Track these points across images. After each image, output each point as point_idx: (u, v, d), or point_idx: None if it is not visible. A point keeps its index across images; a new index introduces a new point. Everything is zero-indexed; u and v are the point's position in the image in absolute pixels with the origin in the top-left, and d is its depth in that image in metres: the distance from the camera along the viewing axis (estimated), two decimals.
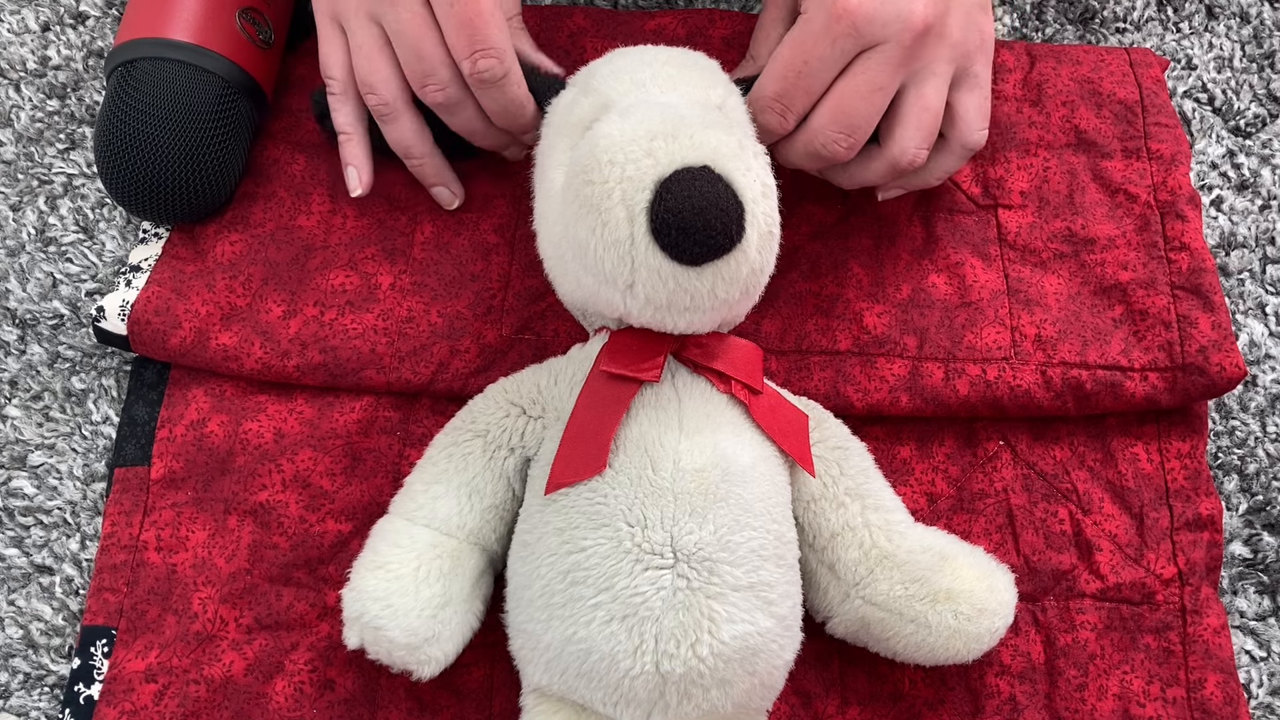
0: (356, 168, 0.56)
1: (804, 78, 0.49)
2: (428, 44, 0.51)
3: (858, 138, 0.50)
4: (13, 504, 0.54)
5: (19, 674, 0.52)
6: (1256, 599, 0.55)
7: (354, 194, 0.57)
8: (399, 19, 0.51)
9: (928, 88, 0.50)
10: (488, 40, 0.50)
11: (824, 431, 0.49)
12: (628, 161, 0.41)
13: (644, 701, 0.43)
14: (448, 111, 0.53)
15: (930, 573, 0.47)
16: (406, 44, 0.51)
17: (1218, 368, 0.55)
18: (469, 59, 0.50)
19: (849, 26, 0.48)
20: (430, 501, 0.47)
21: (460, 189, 0.58)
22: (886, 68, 0.49)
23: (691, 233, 0.40)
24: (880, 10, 0.47)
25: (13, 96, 0.63)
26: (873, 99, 0.49)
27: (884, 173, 0.53)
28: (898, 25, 0.48)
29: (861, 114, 0.49)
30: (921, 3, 0.48)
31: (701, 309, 0.43)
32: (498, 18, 0.50)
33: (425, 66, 0.51)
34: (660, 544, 0.42)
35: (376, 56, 0.52)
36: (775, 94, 0.50)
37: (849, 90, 0.49)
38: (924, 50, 0.49)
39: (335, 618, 0.51)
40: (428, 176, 0.57)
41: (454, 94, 0.52)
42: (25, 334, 0.58)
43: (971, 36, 0.51)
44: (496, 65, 0.50)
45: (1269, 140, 0.65)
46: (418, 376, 0.54)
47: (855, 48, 0.48)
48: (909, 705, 0.51)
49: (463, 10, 0.49)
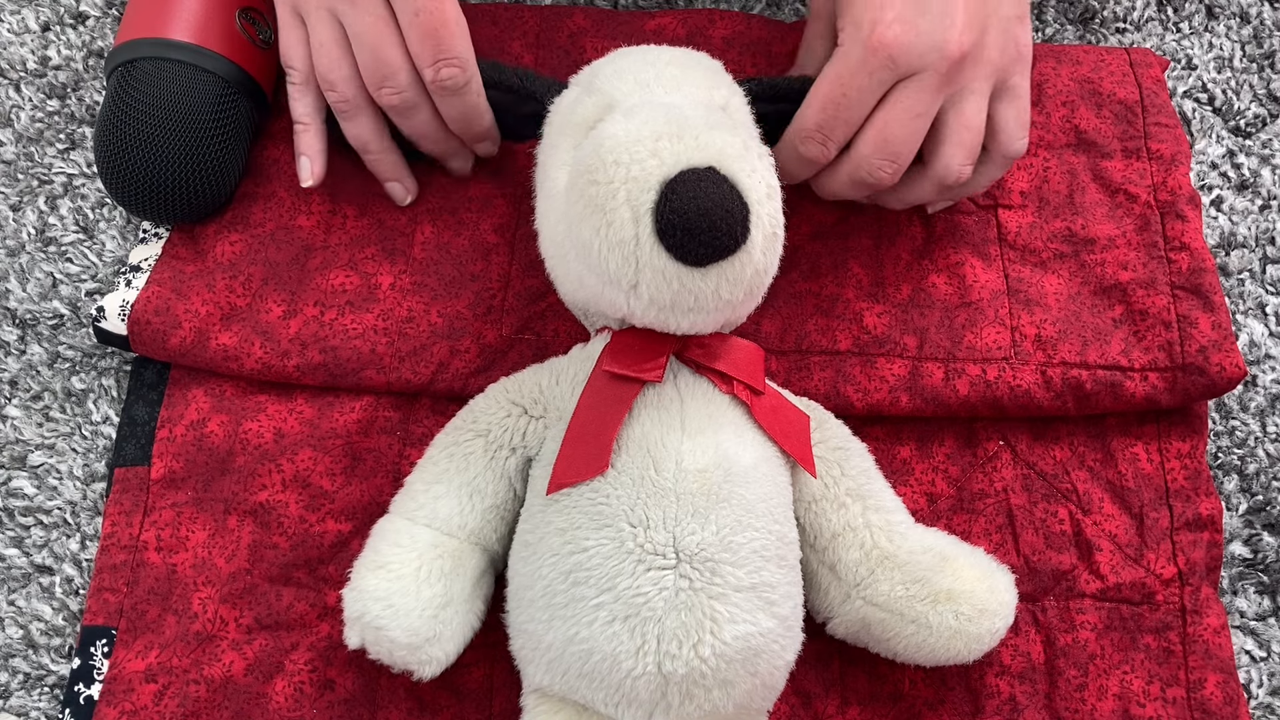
0: (310, 158, 0.57)
1: (843, 109, 0.50)
2: (387, 48, 0.51)
3: (901, 163, 0.51)
4: (13, 504, 0.54)
5: (19, 674, 0.52)
6: (1256, 599, 0.55)
7: (305, 184, 0.57)
8: (360, 20, 0.51)
9: (968, 106, 0.51)
10: (452, 50, 0.51)
11: (825, 432, 0.49)
12: (633, 162, 0.41)
13: (646, 702, 0.43)
14: (401, 115, 0.54)
15: (931, 573, 0.47)
16: (366, 46, 0.52)
17: (1218, 368, 0.55)
18: (432, 67, 0.51)
19: (886, 59, 0.48)
20: (431, 501, 0.47)
21: (414, 185, 0.58)
22: (925, 94, 0.49)
23: (697, 234, 0.40)
24: (916, 41, 0.48)
25: (13, 96, 0.63)
26: (914, 125, 0.50)
27: (931, 192, 0.54)
28: (934, 55, 0.48)
29: (904, 140, 0.50)
30: (957, 30, 0.48)
31: (705, 310, 0.43)
32: (462, 27, 0.51)
33: (384, 70, 0.52)
34: (662, 544, 0.42)
35: (337, 54, 0.53)
36: (816, 125, 0.51)
37: (890, 119, 0.50)
38: (961, 74, 0.50)
39: (335, 618, 0.51)
40: (383, 172, 0.57)
41: (409, 98, 0.53)
42: (25, 334, 0.58)
43: (1009, 51, 0.52)
44: (459, 74, 0.51)
45: (1269, 140, 0.65)
46: (418, 376, 0.54)
47: (892, 78, 0.49)
48: (909, 705, 0.51)
49: (428, 20, 0.50)
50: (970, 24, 0.49)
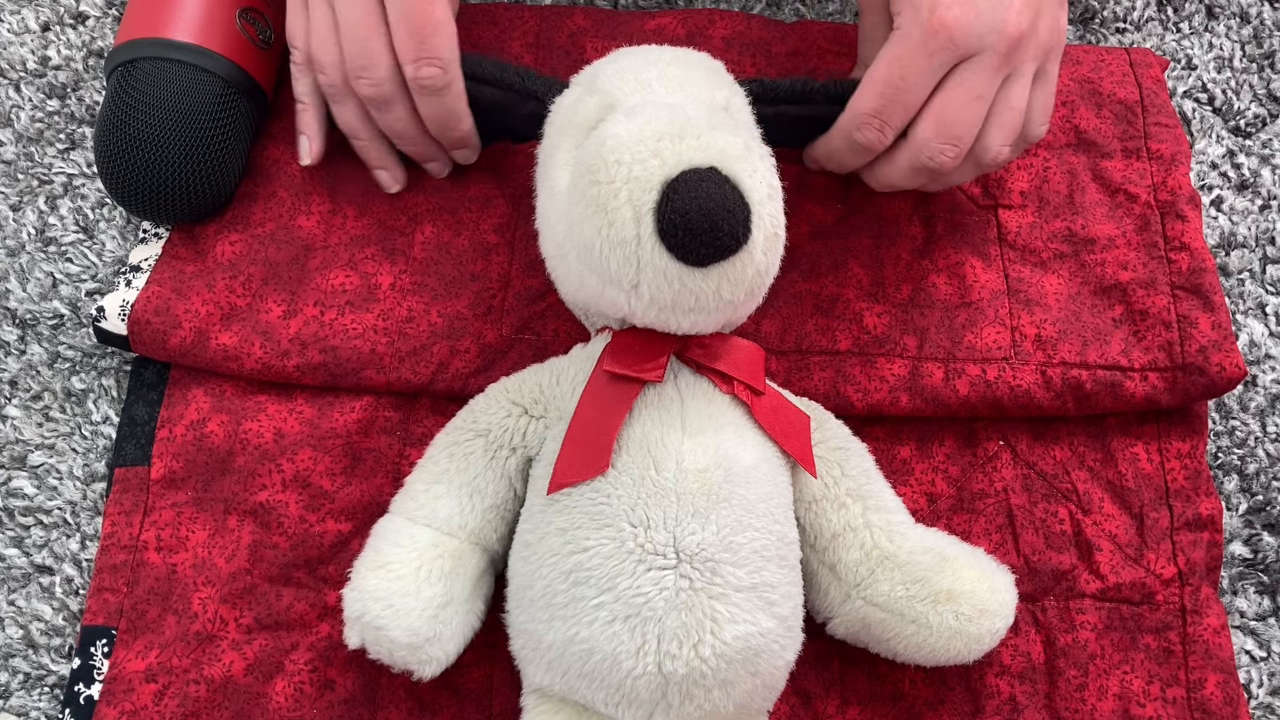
0: (309, 137, 0.58)
1: (902, 93, 0.49)
2: (370, 39, 0.52)
3: (963, 147, 0.51)
4: (13, 504, 0.54)
5: (19, 674, 0.52)
6: (1256, 599, 0.55)
7: (304, 162, 0.58)
8: (349, 8, 0.52)
9: (1014, 88, 0.51)
10: (435, 50, 0.51)
11: (825, 432, 0.49)
12: (634, 162, 0.41)
13: (646, 702, 0.43)
14: (376, 107, 0.54)
15: (931, 573, 0.47)
16: (350, 34, 0.52)
17: (1218, 368, 0.55)
18: (414, 64, 0.51)
19: (946, 40, 0.48)
20: (431, 501, 0.47)
21: (401, 174, 0.58)
22: (984, 76, 0.49)
23: (698, 234, 0.40)
24: (976, 22, 0.48)
25: (13, 96, 0.63)
26: (975, 107, 0.50)
27: (970, 172, 0.54)
28: (994, 35, 0.48)
29: (965, 123, 0.50)
30: (1015, 10, 0.48)
31: (706, 310, 0.43)
32: (448, 29, 0.52)
33: (363, 60, 0.52)
34: (663, 544, 0.42)
35: (329, 39, 0.54)
36: (874, 109, 0.50)
37: (950, 102, 0.50)
38: (1017, 55, 0.50)
39: (335, 618, 0.51)
40: (370, 158, 0.58)
41: (385, 91, 0.53)
42: (25, 334, 0.58)
43: (1054, 36, 0.52)
44: (440, 75, 0.52)
45: (1269, 140, 0.65)
46: (418, 376, 0.54)
47: (952, 60, 0.49)
48: (909, 705, 0.51)
49: (415, 19, 0.51)
50: (1026, 5, 0.49)
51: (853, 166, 0.55)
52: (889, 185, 0.55)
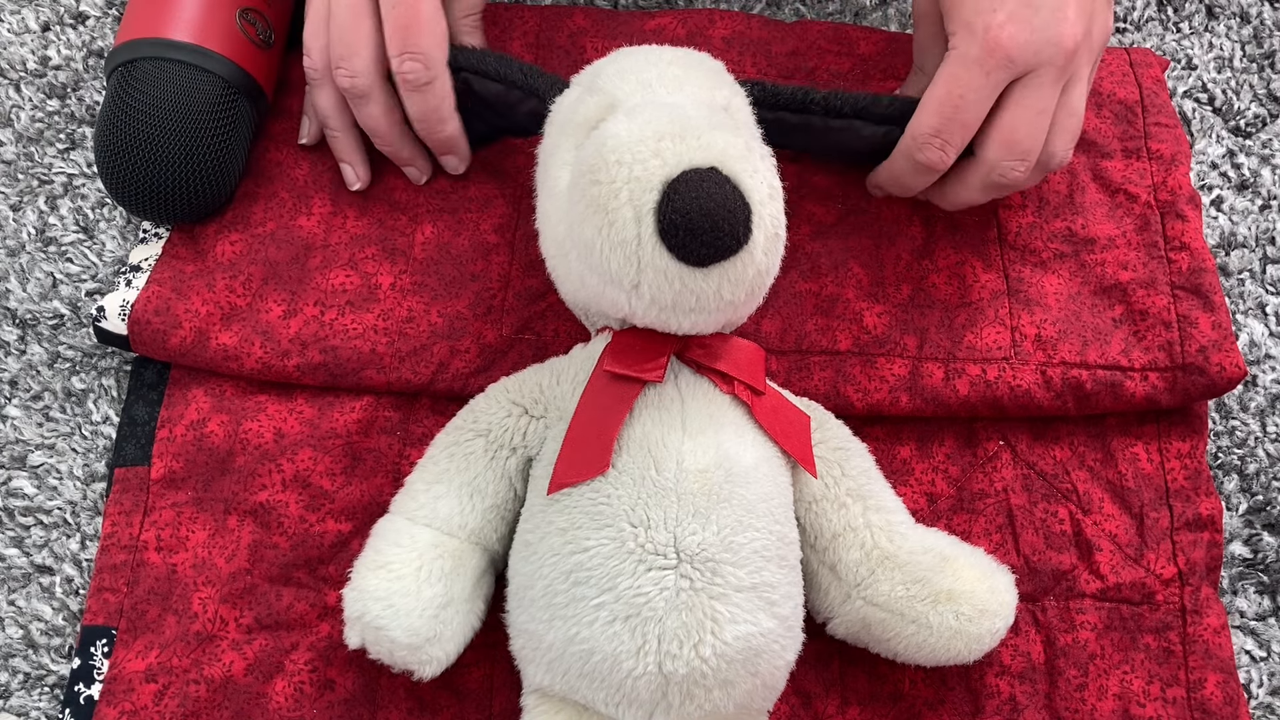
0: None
1: (960, 112, 0.50)
2: (354, 30, 0.53)
3: (1031, 161, 0.51)
4: (13, 504, 0.54)
5: (19, 674, 0.52)
6: (1256, 599, 0.55)
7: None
8: (340, 1, 0.53)
9: (1073, 93, 0.51)
10: (418, 45, 0.52)
11: (825, 432, 0.49)
12: (635, 162, 0.41)
13: (646, 702, 0.43)
14: (353, 100, 0.55)
15: (931, 574, 0.47)
16: (336, 23, 0.53)
17: (1218, 368, 0.55)
18: (397, 58, 0.52)
19: (1004, 59, 0.48)
20: (432, 501, 0.47)
21: (365, 173, 0.58)
22: (1046, 91, 0.50)
23: (699, 234, 0.40)
24: (1032, 38, 0.48)
25: (13, 96, 0.63)
26: (1038, 122, 0.50)
27: (1037, 179, 0.54)
28: (1051, 50, 0.48)
29: (1032, 138, 0.50)
30: (1069, 23, 0.49)
31: (706, 310, 0.43)
32: (435, 26, 0.52)
33: (342, 50, 0.53)
34: (663, 544, 0.42)
35: (321, 26, 0.54)
36: (934, 130, 0.50)
37: (1016, 120, 0.50)
38: (1073, 64, 0.50)
39: (335, 618, 0.51)
40: (337, 150, 0.58)
41: (361, 84, 0.53)
42: (25, 334, 0.58)
43: (1105, 35, 0.52)
44: (421, 70, 0.52)
45: (1269, 140, 0.65)
46: (418, 376, 0.54)
47: (1009, 77, 0.49)
48: (909, 705, 0.51)
49: (403, 13, 0.51)
50: (1080, 15, 0.49)
51: (917, 188, 0.55)
52: (963, 205, 0.55)
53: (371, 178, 0.59)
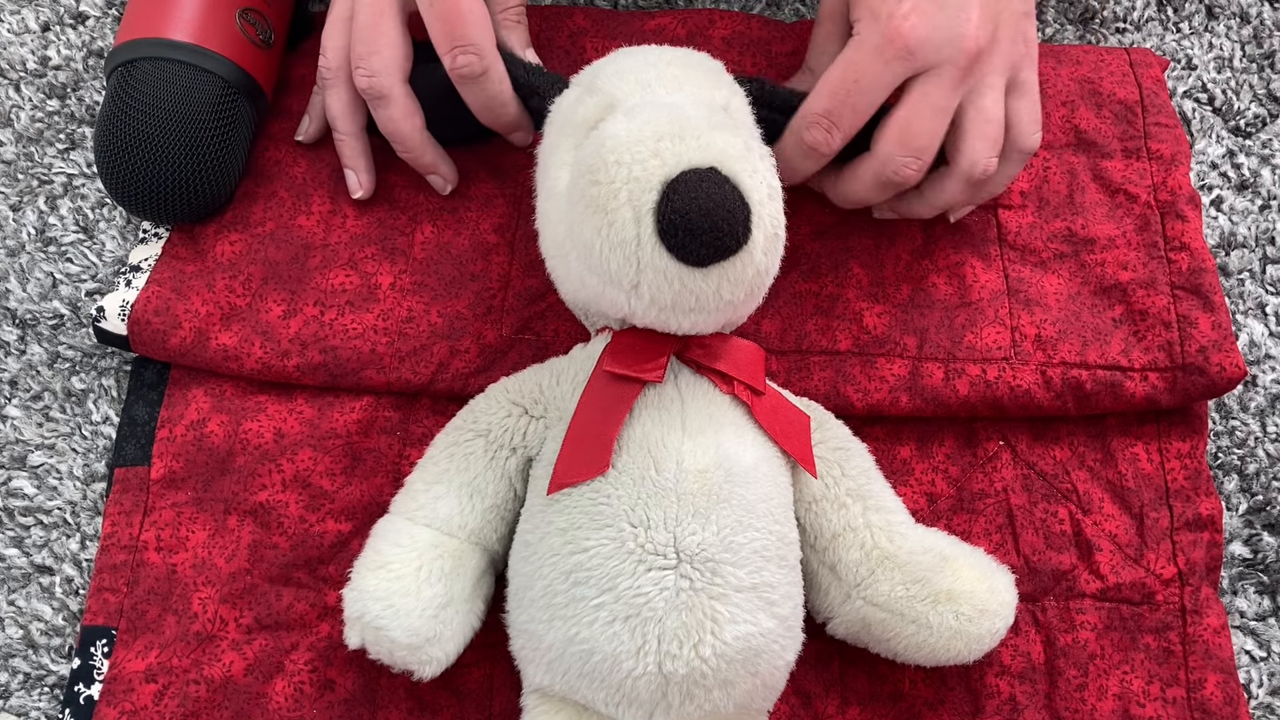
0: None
1: (853, 95, 0.50)
2: (374, 29, 0.52)
3: (925, 159, 0.51)
4: (13, 504, 0.54)
5: (19, 674, 0.52)
6: (1256, 599, 0.55)
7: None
8: (362, 2, 0.53)
9: (986, 100, 0.51)
10: (466, 37, 0.51)
11: (825, 432, 0.49)
12: (634, 162, 0.41)
13: (646, 702, 0.43)
14: (372, 102, 0.54)
15: (931, 574, 0.47)
16: (359, 23, 0.53)
17: (1218, 368, 0.55)
18: (449, 55, 0.52)
19: (902, 49, 0.48)
20: (431, 501, 0.47)
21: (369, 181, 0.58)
22: (944, 89, 0.49)
23: (698, 234, 0.40)
24: (934, 35, 0.48)
25: (13, 96, 0.63)
26: (935, 120, 0.50)
27: (959, 190, 0.54)
28: (951, 49, 0.49)
29: (926, 135, 0.50)
30: (973, 24, 0.49)
31: (706, 310, 0.43)
32: (477, 14, 0.51)
33: (363, 49, 0.53)
34: (663, 544, 0.42)
35: (340, 27, 0.55)
36: (824, 110, 0.50)
37: (911, 115, 0.50)
38: (978, 68, 0.50)
39: (335, 618, 0.51)
40: (342, 154, 0.58)
41: (381, 84, 0.53)
42: (25, 334, 0.58)
43: (1019, 46, 0.52)
44: (475, 61, 0.52)
45: (1269, 140, 0.65)
46: (418, 376, 0.54)
47: (907, 70, 0.49)
48: (909, 705, 0.51)
49: (443, 8, 0.51)
50: (985, 19, 0.49)
51: (805, 173, 0.54)
52: (855, 201, 0.55)
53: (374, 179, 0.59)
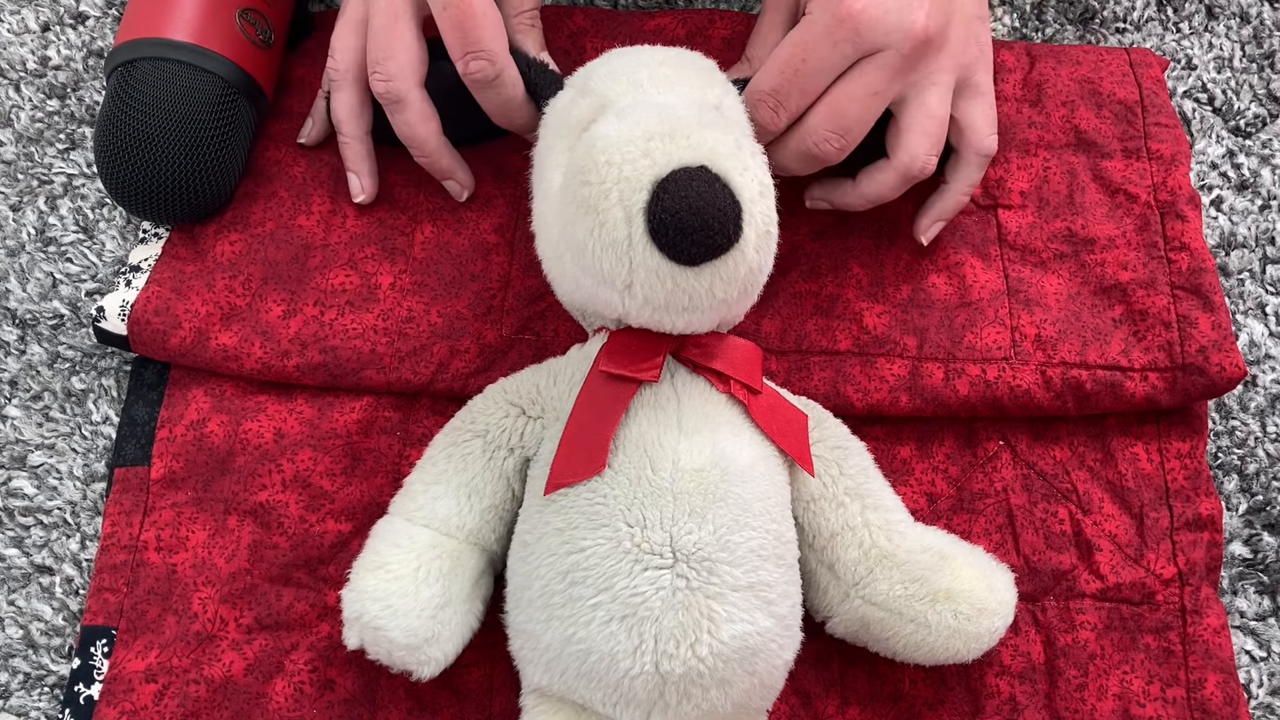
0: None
1: (801, 76, 0.49)
2: (390, 33, 0.52)
3: (849, 140, 0.51)
4: (13, 504, 0.55)
5: (19, 674, 0.52)
6: (1256, 599, 0.55)
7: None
8: (378, 6, 0.53)
9: (930, 96, 0.51)
10: (479, 42, 0.51)
11: (823, 431, 0.49)
12: (625, 162, 0.41)
13: (644, 702, 0.43)
14: (389, 107, 0.54)
15: (930, 572, 0.47)
16: (375, 28, 0.53)
17: (1218, 368, 0.55)
18: (462, 60, 0.51)
19: (851, 30, 0.48)
20: (430, 502, 0.47)
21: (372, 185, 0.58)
22: (885, 73, 0.49)
23: (689, 233, 0.40)
24: (884, 17, 0.48)
25: (13, 96, 0.63)
26: (868, 103, 0.50)
27: (895, 184, 0.53)
28: (899, 34, 0.48)
29: (855, 116, 0.50)
30: (924, 13, 0.49)
31: (700, 309, 0.43)
32: (490, 18, 0.51)
33: (380, 54, 0.53)
34: (660, 544, 0.42)
35: (351, 29, 0.55)
36: (771, 89, 0.50)
37: (845, 93, 0.50)
38: (924, 60, 0.50)
39: (335, 618, 0.51)
40: (346, 157, 0.58)
41: (398, 89, 0.53)
42: (25, 334, 0.58)
43: (970, 48, 0.52)
44: (488, 67, 0.52)
45: (1269, 140, 0.65)
46: (418, 376, 0.54)
47: (855, 52, 0.49)
48: (909, 705, 0.51)
49: (456, 12, 0.50)
50: (936, 11, 0.49)
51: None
52: (781, 169, 0.53)
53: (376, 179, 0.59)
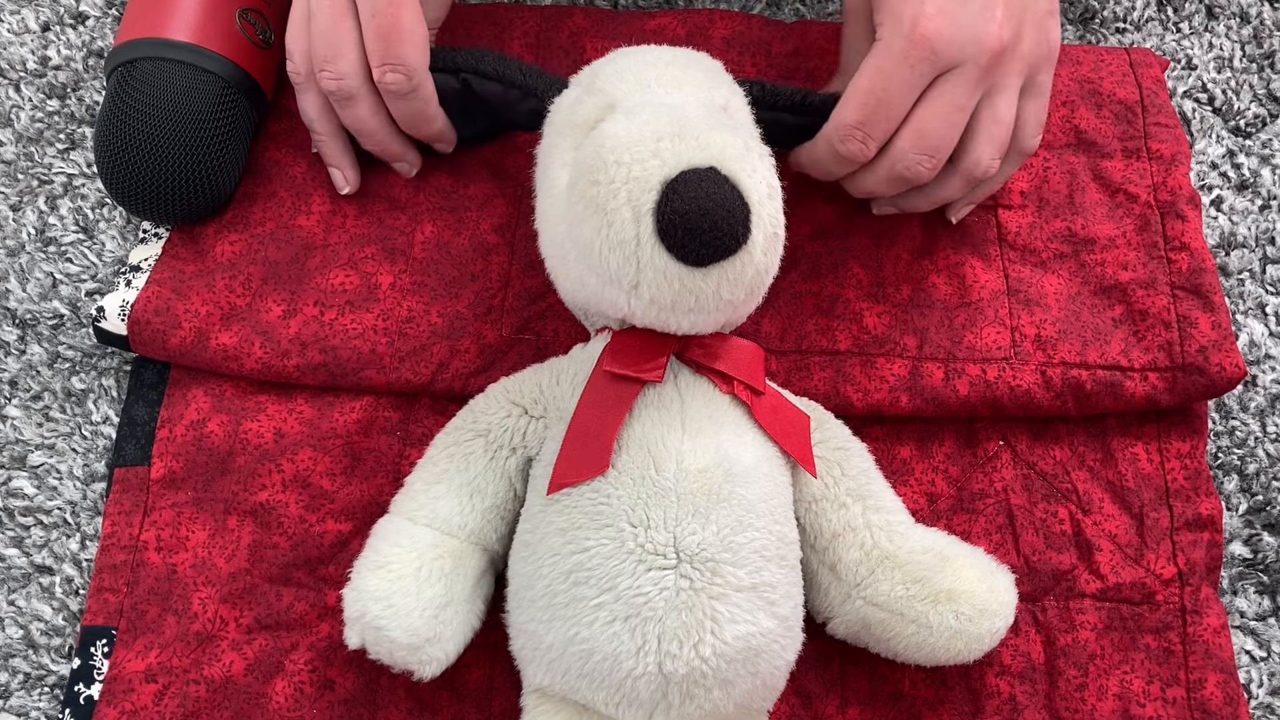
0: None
1: (884, 105, 0.49)
2: (335, 32, 0.52)
3: (940, 158, 0.51)
4: (13, 504, 0.54)
5: (19, 674, 0.52)
6: (1256, 599, 0.55)
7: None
8: (320, 3, 0.53)
9: (1000, 101, 0.51)
10: (400, 56, 0.51)
11: (825, 432, 0.49)
12: (634, 162, 0.41)
13: (646, 702, 0.43)
14: (338, 102, 0.54)
15: (931, 573, 0.47)
16: (318, 26, 0.53)
17: (1218, 368, 0.55)
18: (379, 68, 0.52)
19: (927, 51, 0.48)
20: (431, 501, 0.47)
21: (355, 177, 0.58)
22: (965, 88, 0.49)
23: (698, 234, 0.40)
24: (957, 34, 0.48)
25: (13, 96, 0.63)
26: (953, 119, 0.50)
27: (959, 187, 0.54)
28: (974, 47, 0.48)
29: (942, 135, 0.50)
30: (996, 23, 0.48)
31: (706, 310, 0.43)
32: (415, 34, 0.52)
33: (325, 52, 0.53)
34: (663, 544, 0.42)
35: (301, 29, 0.54)
36: (856, 122, 0.50)
37: (929, 114, 0.50)
38: (999, 68, 0.50)
39: (335, 618, 0.51)
40: (326, 154, 0.58)
41: (347, 86, 0.53)
42: (25, 334, 0.58)
43: (1041, 48, 0.51)
44: (404, 81, 0.52)
45: (1269, 140, 0.65)
46: (418, 376, 0.54)
47: (933, 71, 0.49)
48: (909, 705, 0.51)
49: (382, 22, 0.51)
50: (1008, 18, 0.49)
51: (837, 176, 0.55)
52: (867, 193, 0.55)
53: (362, 180, 0.58)
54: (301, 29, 0.54)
